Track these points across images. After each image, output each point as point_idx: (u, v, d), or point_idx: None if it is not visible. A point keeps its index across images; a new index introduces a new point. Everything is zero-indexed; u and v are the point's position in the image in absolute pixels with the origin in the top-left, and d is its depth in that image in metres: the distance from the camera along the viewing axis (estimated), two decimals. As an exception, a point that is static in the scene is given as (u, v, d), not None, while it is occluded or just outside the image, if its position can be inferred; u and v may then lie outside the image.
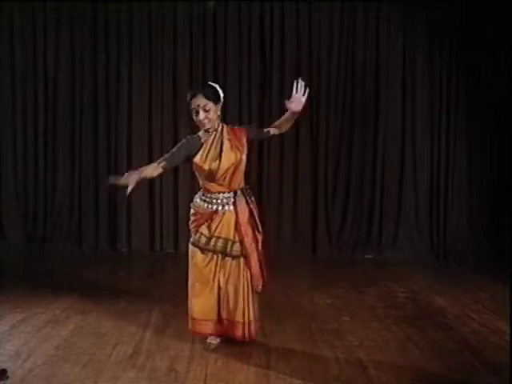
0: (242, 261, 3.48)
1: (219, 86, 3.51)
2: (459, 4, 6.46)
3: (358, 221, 6.68)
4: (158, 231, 6.61)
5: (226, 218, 3.47)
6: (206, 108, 3.40)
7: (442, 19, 6.50)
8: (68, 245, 6.55)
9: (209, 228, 3.48)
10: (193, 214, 3.57)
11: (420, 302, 4.75)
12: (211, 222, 3.47)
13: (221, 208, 3.47)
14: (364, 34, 6.59)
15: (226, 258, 3.48)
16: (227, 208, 3.48)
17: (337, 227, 6.68)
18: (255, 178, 6.35)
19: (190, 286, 3.54)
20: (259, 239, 3.56)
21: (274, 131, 3.60)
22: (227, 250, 3.45)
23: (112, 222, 6.63)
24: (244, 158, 3.49)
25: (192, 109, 3.43)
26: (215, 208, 3.47)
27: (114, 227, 6.62)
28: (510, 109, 6.39)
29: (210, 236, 3.46)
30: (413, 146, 6.66)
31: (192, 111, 3.44)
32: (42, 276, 5.41)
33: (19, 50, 6.59)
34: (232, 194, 3.49)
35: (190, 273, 3.55)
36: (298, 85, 3.39)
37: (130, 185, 3.16)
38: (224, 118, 3.62)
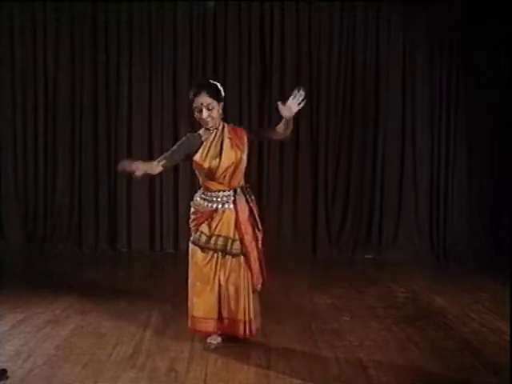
0: (243, 259, 3.47)
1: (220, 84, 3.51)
2: (459, 4, 6.46)
3: (358, 221, 6.68)
4: (158, 231, 6.61)
5: (226, 216, 3.47)
6: (210, 107, 3.39)
7: (442, 19, 6.50)
8: (68, 245, 6.55)
9: (209, 226, 3.47)
10: (193, 212, 3.57)
11: (420, 301, 4.75)
12: (211, 220, 3.47)
13: (221, 206, 3.47)
14: (364, 34, 6.59)
15: (226, 256, 3.47)
16: (227, 206, 3.47)
17: (337, 227, 6.68)
18: (255, 177, 6.34)
19: (191, 284, 3.54)
20: (259, 237, 3.56)
21: (274, 133, 3.52)
22: (227, 248, 3.45)
23: (112, 221, 6.63)
24: (244, 157, 3.49)
25: (195, 107, 3.41)
26: (215, 206, 3.47)
27: (114, 227, 6.62)
28: (510, 109, 6.39)
29: (210, 234, 3.46)
30: (413, 146, 6.66)
31: (195, 109, 3.43)
32: (42, 276, 5.41)
33: (19, 50, 6.59)
34: (232, 193, 3.49)
35: (190, 272, 3.55)
36: (298, 93, 3.25)
37: (139, 173, 3.17)
38: (225, 118, 3.61)
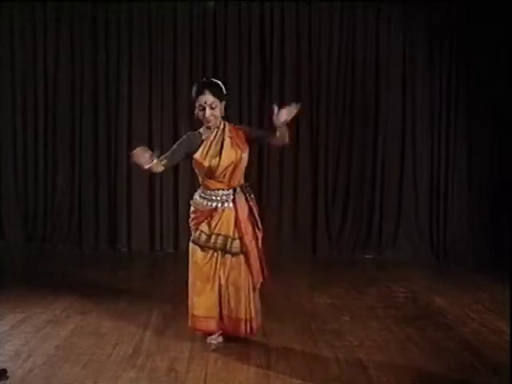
0: (242, 258, 3.47)
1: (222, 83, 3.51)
2: (459, 4, 6.46)
3: (358, 221, 6.68)
4: (158, 231, 6.61)
5: (226, 215, 3.47)
6: (213, 105, 3.39)
7: (442, 19, 6.50)
8: (68, 245, 6.55)
9: (209, 225, 3.47)
10: (193, 211, 3.57)
11: (420, 301, 4.75)
12: (211, 219, 3.47)
13: (220, 205, 3.47)
14: (364, 34, 6.59)
15: (225, 255, 3.47)
16: (226, 205, 3.47)
17: (337, 227, 6.68)
18: (255, 177, 6.34)
19: (191, 284, 3.54)
20: (259, 236, 3.56)
21: (272, 138, 3.42)
22: (227, 247, 3.45)
23: (112, 221, 6.63)
24: (245, 156, 3.49)
25: (198, 105, 3.41)
26: (214, 205, 3.47)
27: (114, 227, 6.62)
28: (510, 109, 6.39)
29: (210, 233, 3.46)
30: (413, 146, 6.66)
31: (197, 107, 3.42)
32: (42, 276, 5.41)
33: (19, 50, 6.59)
34: (231, 192, 3.49)
35: (190, 271, 3.55)
36: (293, 105, 3.15)
37: (146, 165, 3.20)
38: (226, 116, 3.59)
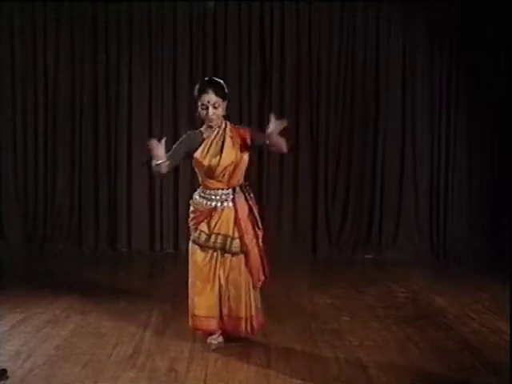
0: (242, 257, 3.47)
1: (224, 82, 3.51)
2: (459, 4, 6.46)
3: (358, 221, 6.68)
4: (158, 231, 6.61)
5: (225, 214, 3.46)
6: (216, 105, 3.39)
7: (442, 19, 6.50)
8: (68, 245, 6.55)
9: (208, 225, 3.47)
10: (192, 211, 3.57)
11: (420, 301, 4.75)
12: (210, 218, 3.47)
13: (220, 205, 3.47)
14: (364, 34, 6.59)
15: (225, 254, 3.47)
16: (226, 205, 3.47)
17: (337, 227, 6.68)
18: (255, 177, 6.34)
19: (191, 284, 3.53)
20: (260, 235, 3.56)
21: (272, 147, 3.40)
22: (226, 246, 3.45)
23: (112, 221, 6.63)
24: (245, 157, 3.49)
25: (201, 104, 3.41)
26: (214, 205, 3.47)
27: (114, 227, 6.62)
28: (510, 109, 6.39)
29: (210, 233, 3.46)
30: (413, 146, 6.66)
31: (200, 106, 3.42)
32: (42, 276, 5.41)
33: (19, 50, 6.59)
34: (231, 191, 3.49)
35: (190, 271, 3.55)
36: (279, 121, 3.17)
37: (159, 160, 3.22)
38: (228, 116, 3.58)
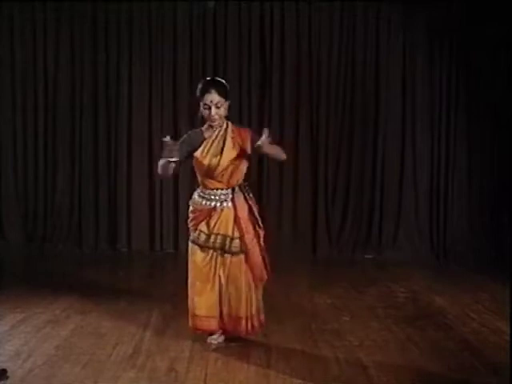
0: (243, 257, 3.47)
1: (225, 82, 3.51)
2: (459, 4, 6.46)
3: (358, 221, 6.67)
4: (158, 231, 6.61)
5: (225, 214, 3.46)
6: (218, 105, 3.39)
7: (442, 19, 6.50)
8: (68, 245, 6.55)
9: (207, 225, 3.47)
10: (191, 211, 3.57)
11: (420, 301, 4.75)
12: (210, 218, 3.47)
13: (219, 204, 3.47)
14: (364, 34, 6.59)
15: (225, 254, 3.47)
16: (225, 204, 3.47)
17: (337, 227, 6.67)
18: (255, 177, 6.33)
19: (191, 284, 3.53)
20: (261, 234, 3.55)
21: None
22: (226, 246, 3.45)
23: (112, 221, 6.63)
24: (246, 157, 3.48)
25: (203, 104, 3.40)
26: (213, 204, 3.47)
27: (114, 227, 6.62)
28: (510, 109, 6.39)
29: (209, 233, 3.46)
30: (413, 146, 6.65)
31: (202, 106, 3.41)
32: (42, 276, 5.41)
33: (19, 50, 6.58)
34: (230, 191, 3.49)
35: (190, 271, 3.54)
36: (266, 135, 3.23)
37: (172, 159, 3.19)
38: (228, 116, 3.58)
